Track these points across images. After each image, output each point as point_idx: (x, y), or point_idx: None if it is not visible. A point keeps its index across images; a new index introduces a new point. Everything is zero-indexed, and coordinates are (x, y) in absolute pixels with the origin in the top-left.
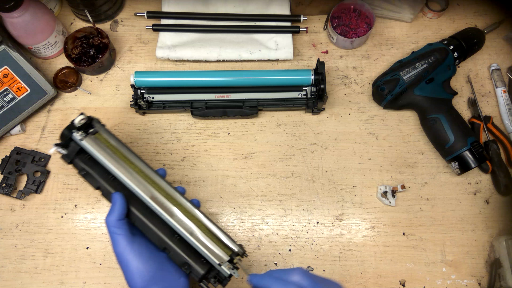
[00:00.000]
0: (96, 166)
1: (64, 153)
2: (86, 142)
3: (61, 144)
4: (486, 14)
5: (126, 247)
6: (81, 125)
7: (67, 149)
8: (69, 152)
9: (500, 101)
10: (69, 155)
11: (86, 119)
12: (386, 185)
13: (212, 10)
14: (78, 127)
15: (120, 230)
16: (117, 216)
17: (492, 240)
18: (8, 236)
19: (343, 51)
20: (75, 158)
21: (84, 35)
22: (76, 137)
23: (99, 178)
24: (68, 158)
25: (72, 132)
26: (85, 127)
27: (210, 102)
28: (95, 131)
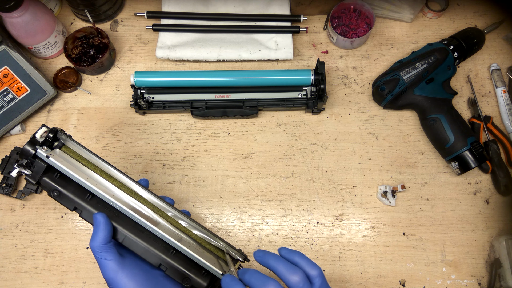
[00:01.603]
0: (69, 185)
1: (28, 173)
2: (54, 158)
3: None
4: (486, 14)
5: (118, 272)
6: (44, 139)
7: (32, 168)
8: (34, 171)
9: (500, 101)
10: (34, 175)
11: (49, 131)
12: (386, 185)
13: (212, 10)
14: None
15: (108, 255)
16: (103, 239)
17: (492, 240)
18: (8, 236)
19: (343, 51)
20: (42, 178)
21: (84, 35)
22: (41, 153)
23: (75, 198)
24: (34, 178)
25: (36, 149)
26: (49, 141)
27: (210, 102)
28: (61, 143)
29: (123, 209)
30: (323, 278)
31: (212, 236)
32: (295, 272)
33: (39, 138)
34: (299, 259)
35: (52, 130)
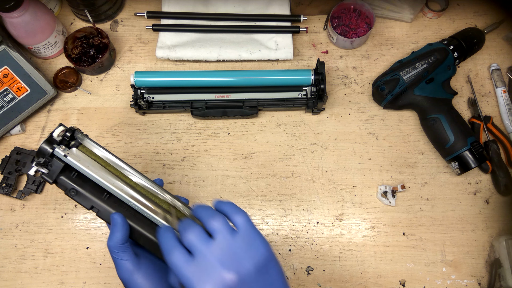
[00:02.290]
0: (87, 184)
1: (45, 172)
2: (72, 157)
3: (42, 162)
4: (486, 14)
5: (133, 272)
6: (61, 137)
7: (49, 167)
8: (51, 170)
9: (500, 101)
10: (51, 174)
11: (66, 130)
12: (386, 185)
13: (212, 10)
14: (58, 140)
15: (125, 255)
16: (120, 239)
17: (492, 240)
18: (8, 236)
19: (343, 51)
20: (59, 177)
21: (84, 35)
22: (59, 153)
23: (93, 198)
24: (51, 177)
25: (53, 147)
26: (66, 140)
27: (210, 102)
28: (78, 143)
29: (140, 208)
30: (248, 224)
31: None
32: (215, 218)
33: (56, 137)
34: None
35: (69, 129)
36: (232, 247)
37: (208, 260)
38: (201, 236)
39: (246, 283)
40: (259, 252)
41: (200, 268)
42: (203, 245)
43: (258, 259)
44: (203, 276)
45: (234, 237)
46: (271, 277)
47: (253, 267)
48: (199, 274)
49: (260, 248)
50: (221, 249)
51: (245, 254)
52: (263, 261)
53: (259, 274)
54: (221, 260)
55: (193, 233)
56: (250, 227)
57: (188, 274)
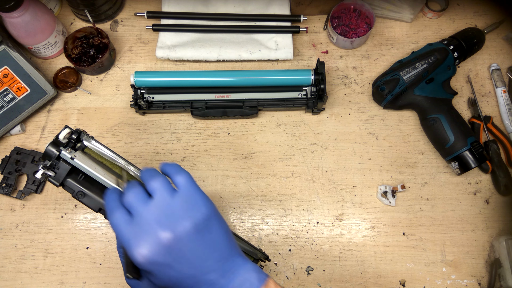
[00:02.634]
0: (94, 186)
1: (51, 175)
2: (79, 160)
3: (49, 166)
4: (486, 14)
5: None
6: (67, 140)
7: (55, 169)
8: (58, 173)
9: (500, 101)
10: (58, 177)
11: (72, 132)
12: (386, 185)
13: (212, 10)
14: (64, 143)
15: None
16: None
17: (492, 240)
18: (8, 236)
19: (343, 51)
20: (66, 179)
21: (84, 35)
22: (65, 155)
23: (101, 200)
24: (58, 180)
25: (60, 150)
26: (72, 142)
27: (210, 102)
28: (84, 145)
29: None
30: (188, 184)
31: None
32: (155, 179)
33: (62, 139)
34: (169, 168)
35: (75, 131)
36: (170, 206)
37: (145, 220)
38: (139, 196)
39: (182, 241)
40: (199, 211)
41: (137, 228)
42: (141, 205)
43: (197, 218)
44: (140, 236)
45: (173, 196)
46: (212, 235)
47: (191, 226)
48: (136, 233)
49: (200, 207)
50: (159, 208)
51: (183, 213)
52: (202, 220)
53: (197, 232)
54: (157, 219)
55: (132, 193)
56: (191, 187)
57: (126, 234)
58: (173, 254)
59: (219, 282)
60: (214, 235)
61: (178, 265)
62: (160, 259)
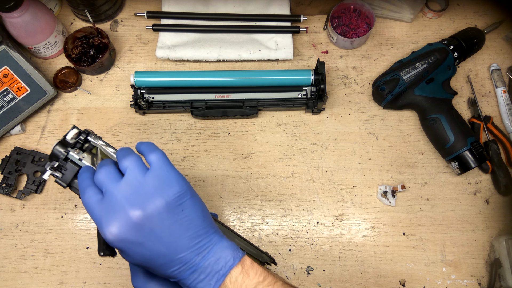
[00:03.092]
0: None
1: (59, 176)
2: (87, 161)
3: (57, 166)
4: (486, 14)
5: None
6: (75, 140)
7: (62, 170)
8: (65, 174)
9: (500, 101)
10: (65, 178)
11: (80, 133)
12: (386, 185)
13: (212, 10)
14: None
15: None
16: None
17: (492, 240)
18: (8, 236)
19: (343, 51)
20: (73, 180)
21: (84, 35)
22: (74, 156)
23: None
24: (65, 181)
25: (68, 151)
26: (80, 143)
27: (210, 102)
28: (92, 145)
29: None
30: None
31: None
32: (127, 157)
33: (70, 140)
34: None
35: (83, 131)
36: (141, 184)
37: (115, 198)
38: (110, 175)
39: (153, 220)
40: (171, 189)
41: (107, 207)
42: (112, 183)
43: (169, 196)
44: (110, 215)
45: (144, 175)
46: (185, 213)
47: (162, 204)
48: (106, 212)
49: (173, 184)
50: (129, 186)
51: (154, 191)
52: (175, 198)
53: (169, 210)
54: (128, 197)
55: (103, 171)
56: (164, 164)
57: (97, 212)
58: (143, 232)
59: (193, 260)
60: (187, 213)
61: (149, 243)
62: (130, 237)
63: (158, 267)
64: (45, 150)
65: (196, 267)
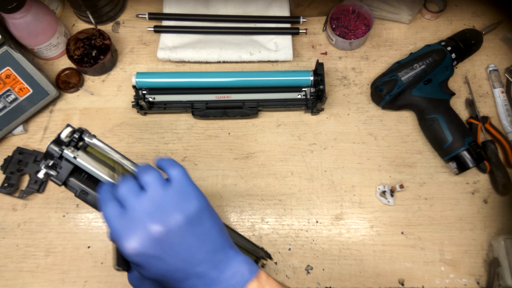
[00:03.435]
0: (97, 185)
1: (54, 174)
2: (81, 159)
3: (51, 165)
4: (484, 15)
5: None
6: (69, 139)
7: (57, 169)
8: (60, 173)
9: (497, 102)
10: (61, 176)
11: (74, 131)
12: (385, 185)
13: (212, 11)
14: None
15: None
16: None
17: (490, 240)
18: (10, 235)
19: (342, 52)
20: (68, 179)
21: (86, 36)
22: (68, 154)
23: None
24: (61, 180)
25: (62, 149)
26: (74, 141)
27: (210, 102)
28: (86, 144)
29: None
30: (181, 177)
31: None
32: (148, 172)
33: (64, 138)
34: (164, 162)
35: (77, 130)
36: (162, 199)
37: (136, 213)
38: (132, 189)
39: (174, 234)
40: (191, 204)
41: (128, 221)
42: (133, 197)
43: (189, 211)
44: (131, 229)
45: (165, 189)
46: (204, 227)
47: (183, 219)
48: (127, 226)
49: (192, 200)
50: (151, 201)
51: (175, 206)
52: (195, 213)
53: (189, 225)
54: (149, 212)
55: (125, 186)
56: (184, 180)
57: (117, 226)
58: (163, 247)
59: (210, 274)
60: (206, 228)
61: (168, 257)
62: (149, 251)
63: (174, 281)
64: None
65: (212, 281)
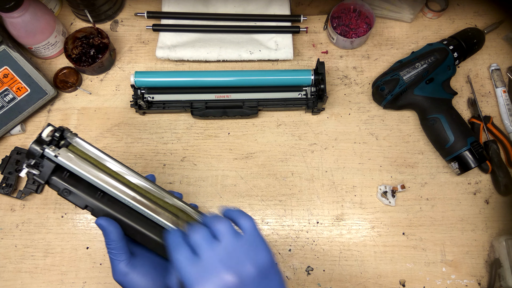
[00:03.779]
0: (79, 183)
1: (36, 173)
2: (63, 157)
3: (32, 164)
4: (486, 14)
5: (128, 273)
6: (50, 137)
7: (40, 168)
8: (43, 171)
9: (500, 101)
10: (43, 175)
11: (55, 130)
12: (386, 185)
13: (212, 10)
14: (48, 140)
15: (120, 256)
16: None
17: (492, 240)
18: (8, 236)
19: (343, 51)
20: (51, 177)
21: (84, 35)
22: (49, 153)
23: (86, 197)
24: (43, 178)
25: (43, 148)
26: (56, 140)
27: (210, 102)
28: (68, 142)
29: (133, 205)
30: (253, 229)
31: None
32: (221, 222)
33: (45, 137)
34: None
35: (58, 128)
36: (235, 249)
37: (211, 260)
38: (207, 237)
39: (245, 285)
40: (262, 256)
41: (202, 268)
42: (208, 245)
43: (260, 263)
44: (205, 276)
45: (238, 240)
46: (272, 282)
47: (255, 271)
48: (201, 273)
49: (263, 252)
50: (225, 250)
51: (247, 257)
52: (265, 266)
53: (260, 278)
54: (223, 261)
55: (199, 233)
56: (255, 232)
57: (190, 272)
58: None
59: None
60: (272, 281)
61: None
62: None
63: None
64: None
65: None
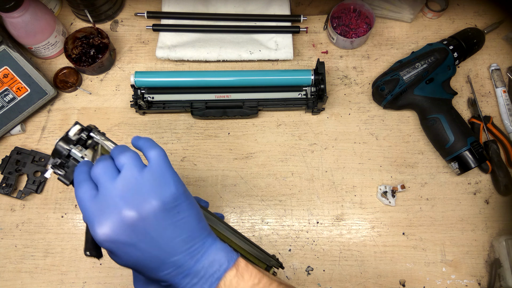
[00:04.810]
0: None
1: (61, 174)
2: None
3: (59, 164)
4: (486, 14)
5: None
6: (78, 137)
7: (65, 168)
8: (68, 172)
9: (500, 101)
10: (68, 175)
11: (83, 129)
12: (386, 185)
13: (212, 10)
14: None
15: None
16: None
17: (492, 240)
18: (8, 236)
19: (343, 51)
20: None
21: (84, 35)
22: (76, 154)
23: None
24: (68, 179)
25: (70, 148)
26: (83, 140)
27: (210, 102)
28: (95, 142)
29: None
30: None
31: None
32: (124, 153)
33: (72, 136)
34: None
35: (86, 128)
36: (138, 182)
37: (110, 196)
38: (107, 170)
39: (148, 221)
40: (169, 189)
41: (101, 204)
42: (108, 179)
43: (166, 196)
44: (103, 213)
45: (142, 172)
46: (181, 215)
47: (159, 205)
48: (100, 210)
49: (170, 185)
50: (126, 184)
51: (151, 191)
52: (172, 199)
53: (165, 212)
54: (123, 196)
55: (100, 166)
56: (162, 163)
57: (89, 209)
58: (137, 233)
59: (187, 263)
60: (183, 215)
61: (141, 245)
62: (122, 238)
63: (149, 270)
64: (45, 150)
65: (189, 270)
